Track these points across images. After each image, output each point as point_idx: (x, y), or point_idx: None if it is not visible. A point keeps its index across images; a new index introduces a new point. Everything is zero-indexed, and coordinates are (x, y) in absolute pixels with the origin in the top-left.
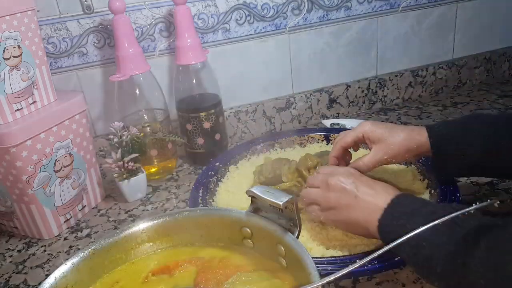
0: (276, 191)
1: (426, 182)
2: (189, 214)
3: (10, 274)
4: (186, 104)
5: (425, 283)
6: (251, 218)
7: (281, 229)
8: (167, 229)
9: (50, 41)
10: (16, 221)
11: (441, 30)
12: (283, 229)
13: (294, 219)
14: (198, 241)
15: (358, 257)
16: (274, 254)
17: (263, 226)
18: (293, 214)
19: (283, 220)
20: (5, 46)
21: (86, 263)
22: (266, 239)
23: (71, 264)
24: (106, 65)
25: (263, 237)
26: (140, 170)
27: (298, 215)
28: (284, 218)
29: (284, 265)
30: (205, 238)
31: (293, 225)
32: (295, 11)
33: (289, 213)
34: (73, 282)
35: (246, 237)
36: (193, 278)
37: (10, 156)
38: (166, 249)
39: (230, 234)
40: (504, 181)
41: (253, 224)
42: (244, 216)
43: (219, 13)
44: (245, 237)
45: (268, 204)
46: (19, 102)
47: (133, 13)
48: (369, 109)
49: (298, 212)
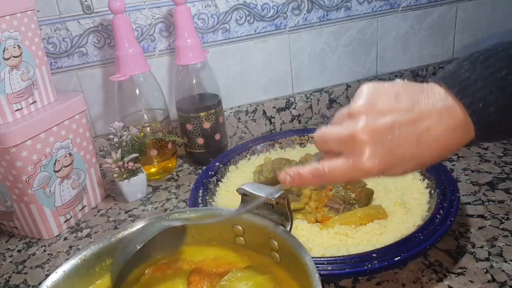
0: (266, 187)
1: (426, 182)
2: (180, 215)
3: (10, 274)
4: (186, 104)
5: (425, 283)
6: (242, 216)
7: (273, 224)
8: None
9: (50, 41)
10: (16, 221)
11: (441, 30)
12: (275, 224)
13: (286, 213)
14: (190, 241)
15: (358, 256)
16: (267, 249)
17: (255, 223)
18: (285, 209)
19: (274, 216)
20: (5, 46)
21: (77, 270)
22: (258, 235)
23: (62, 272)
24: (106, 65)
25: (255, 233)
26: (140, 170)
27: (289, 209)
28: (276, 213)
29: (277, 259)
30: (196, 238)
31: (284, 220)
32: (295, 11)
33: (280, 208)
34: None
35: (238, 235)
36: (186, 277)
37: (10, 156)
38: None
39: (221, 232)
40: (504, 181)
41: (244, 222)
42: (235, 214)
43: (219, 13)
44: (237, 235)
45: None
46: (19, 102)
47: (133, 13)
48: None
49: (289, 205)
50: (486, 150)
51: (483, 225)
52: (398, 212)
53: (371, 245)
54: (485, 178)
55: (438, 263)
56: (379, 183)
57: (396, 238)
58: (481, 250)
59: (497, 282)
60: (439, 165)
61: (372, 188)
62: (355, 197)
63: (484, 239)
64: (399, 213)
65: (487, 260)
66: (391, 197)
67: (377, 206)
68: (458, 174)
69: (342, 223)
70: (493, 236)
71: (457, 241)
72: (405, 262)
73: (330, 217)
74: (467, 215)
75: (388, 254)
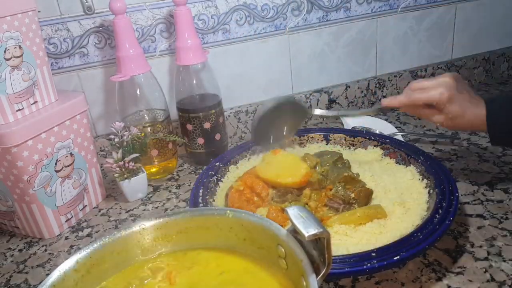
0: (312, 218)
1: (425, 182)
2: (235, 214)
3: (11, 274)
4: (187, 104)
5: (424, 282)
6: (288, 239)
7: (307, 263)
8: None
9: (51, 41)
10: (17, 220)
11: (440, 31)
12: (309, 264)
13: (324, 255)
14: (239, 245)
15: (358, 256)
16: (299, 284)
17: (294, 252)
18: (324, 250)
19: (316, 252)
20: (6, 46)
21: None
22: (295, 266)
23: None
24: (107, 65)
25: (293, 262)
26: (140, 170)
27: (329, 252)
28: (318, 250)
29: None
30: (247, 242)
31: (322, 262)
32: (294, 12)
33: (321, 246)
34: None
35: (281, 256)
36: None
37: (11, 156)
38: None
39: (267, 247)
40: (503, 181)
41: (288, 246)
42: (282, 234)
43: (219, 14)
44: (280, 256)
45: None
46: (20, 102)
47: (133, 13)
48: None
49: (329, 249)
50: (485, 150)
51: (482, 224)
52: (397, 211)
53: (370, 245)
54: (484, 178)
55: (437, 263)
56: (379, 183)
57: (395, 238)
58: (480, 249)
59: (496, 282)
60: (438, 164)
61: (371, 188)
62: (355, 197)
63: (483, 239)
64: (398, 213)
65: (486, 259)
66: (390, 196)
67: (377, 205)
68: (457, 173)
69: (341, 223)
70: (492, 235)
71: (456, 241)
72: (404, 262)
73: (329, 217)
74: (466, 215)
75: (387, 254)
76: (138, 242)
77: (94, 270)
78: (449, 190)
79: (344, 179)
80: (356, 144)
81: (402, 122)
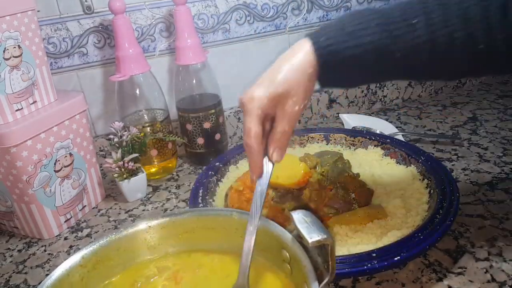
0: (317, 223)
1: (426, 182)
2: (240, 216)
3: (10, 274)
4: (186, 104)
5: (425, 283)
6: (293, 244)
7: (311, 270)
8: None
9: (51, 41)
10: (16, 221)
11: None
12: (312, 271)
13: (328, 262)
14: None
15: (358, 256)
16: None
17: (298, 257)
18: (327, 257)
19: (320, 258)
20: (5, 46)
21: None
22: (299, 271)
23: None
24: (106, 65)
25: (297, 268)
26: (140, 170)
27: (332, 259)
28: (322, 256)
29: None
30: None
31: (325, 269)
32: (295, 11)
33: (325, 253)
34: None
35: (285, 261)
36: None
37: (11, 156)
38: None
39: (272, 250)
40: (504, 181)
41: (292, 251)
42: (286, 238)
43: (219, 13)
44: (284, 260)
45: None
46: (19, 102)
47: (133, 13)
48: (368, 109)
49: (333, 256)
50: (485, 150)
51: (482, 225)
52: (398, 212)
53: (371, 245)
54: (485, 178)
55: (437, 263)
56: (379, 183)
57: (395, 238)
58: (480, 250)
59: (496, 282)
60: (439, 165)
61: (372, 188)
62: (355, 197)
63: (483, 239)
64: (399, 213)
65: (486, 260)
66: (391, 197)
67: (377, 206)
68: (458, 174)
69: (342, 223)
70: (492, 236)
71: (456, 241)
72: (405, 262)
73: (330, 217)
74: (466, 215)
75: (388, 254)
76: (144, 240)
77: (100, 267)
78: (450, 190)
79: (344, 179)
80: (356, 144)
81: (402, 122)
